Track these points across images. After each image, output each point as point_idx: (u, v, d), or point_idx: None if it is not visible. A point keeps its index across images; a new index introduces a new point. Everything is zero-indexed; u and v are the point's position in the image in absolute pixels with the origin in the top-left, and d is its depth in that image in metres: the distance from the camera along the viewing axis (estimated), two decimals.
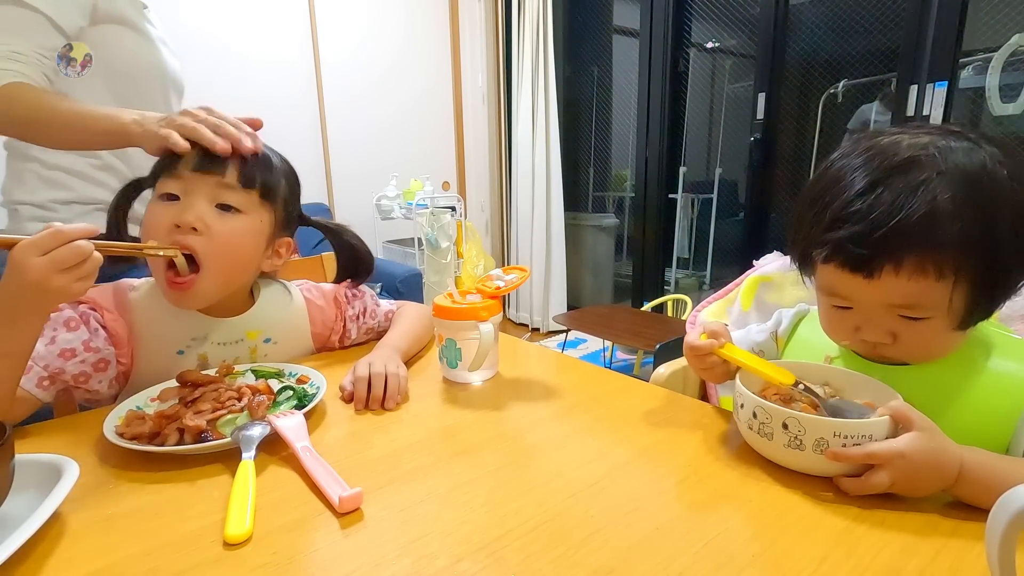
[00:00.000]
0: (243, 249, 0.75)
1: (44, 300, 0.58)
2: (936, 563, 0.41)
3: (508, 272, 0.80)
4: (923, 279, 0.50)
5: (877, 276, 0.51)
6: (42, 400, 0.68)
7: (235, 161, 0.72)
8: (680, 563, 0.42)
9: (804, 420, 0.49)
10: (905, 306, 0.53)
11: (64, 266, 0.55)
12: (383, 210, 3.01)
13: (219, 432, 0.59)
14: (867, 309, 0.55)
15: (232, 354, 0.80)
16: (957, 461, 0.46)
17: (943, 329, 0.53)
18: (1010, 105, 1.83)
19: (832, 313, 0.59)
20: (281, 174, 0.79)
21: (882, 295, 0.53)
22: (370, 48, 3.08)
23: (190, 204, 0.70)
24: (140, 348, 0.76)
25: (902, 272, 0.50)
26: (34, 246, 0.55)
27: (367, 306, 0.93)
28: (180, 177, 0.71)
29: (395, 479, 0.54)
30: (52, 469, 0.50)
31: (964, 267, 0.49)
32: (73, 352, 0.69)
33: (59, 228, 0.56)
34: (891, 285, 0.51)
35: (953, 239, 0.48)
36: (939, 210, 0.48)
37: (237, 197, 0.73)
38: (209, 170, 0.71)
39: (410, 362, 0.86)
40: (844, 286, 0.55)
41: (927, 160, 0.50)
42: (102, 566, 0.43)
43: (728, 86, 3.02)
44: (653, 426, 0.64)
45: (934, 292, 0.51)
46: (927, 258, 0.49)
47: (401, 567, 0.42)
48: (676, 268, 3.14)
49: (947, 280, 0.50)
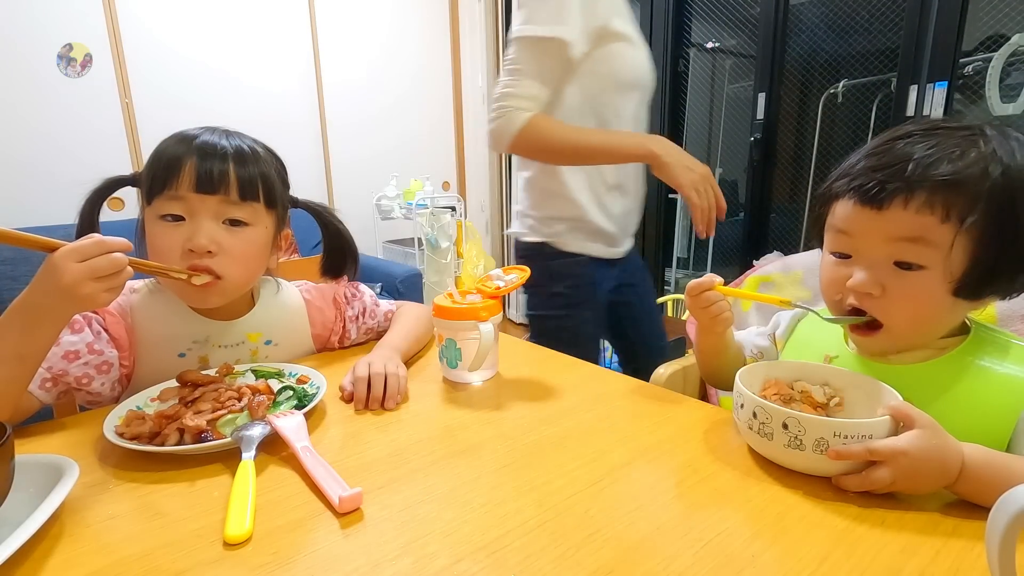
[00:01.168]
0: (256, 257, 0.77)
1: (71, 305, 0.59)
2: (936, 563, 0.41)
3: (508, 272, 0.80)
4: (929, 216, 0.51)
5: (887, 206, 0.53)
6: (44, 401, 0.68)
7: (235, 173, 0.72)
8: (680, 563, 0.42)
9: (804, 420, 0.49)
10: (906, 238, 0.53)
11: (99, 275, 0.56)
12: (383, 210, 3.01)
13: (219, 432, 0.59)
14: (867, 252, 0.56)
15: (233, 356, 0.80)
16: (959, 458, 0.47)
17: (934, 289, 0.53)
18: (1010, 105, 1.83)
19: (831, 266, 0.60)
20: (273, 171, 0.78)
21: (885, 228, 0.53)
22: (370, 48, 3.08)
23: (199, 226, 0.70)
24: (141, 351, 0.76)
25: (910, 205, 0.51)
26: (76, 252, 0.56)
27: (366, 306, 0.93)
28: (183, 198, 0.70)
29: (395, 479, 0.54)
30: (52, 469, 0.50)
31: (974, 219, 0.50)
32: (77, 354, 0.69)
33: (102, 238, 0.57)
34: (897, 217, 0.52)
35: (971, 191, 0.50)
36: (969, 156, 0.50)
37: (243, 211, 0.73)
38: (212, 191, 0.71)
39: (410, 362, 0.86)
40: (852, 222, 0.56)
41: (990, 135, 0.52)
42: (102, 566, 0.43)
43: (728, 86, 3.01)
44: (653, 426, 0.64)
45: (936, 233, 0.51)
46: (938, 196, 0.50)
47: (401, 567, 0.42)
48: (676, 268, 3.13)
49: (951, 224, 0.51)
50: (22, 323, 0.58)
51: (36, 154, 2.28)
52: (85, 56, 2.33)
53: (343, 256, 0.88)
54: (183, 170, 0.70)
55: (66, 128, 2.32)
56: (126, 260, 0.58)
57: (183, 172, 0.70)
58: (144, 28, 2.43)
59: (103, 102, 2.38)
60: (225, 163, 0.71)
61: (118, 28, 2.37)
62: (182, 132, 0.74)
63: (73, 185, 0.72)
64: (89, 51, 2.33)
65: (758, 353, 0.75)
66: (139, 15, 2.41)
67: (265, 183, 0.75)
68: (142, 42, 2.43)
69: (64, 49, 2.29)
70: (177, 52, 2.52)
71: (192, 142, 0.72)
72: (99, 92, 2.37)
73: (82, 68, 2.34)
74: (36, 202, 2.27)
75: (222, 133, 0.75)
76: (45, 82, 2.26)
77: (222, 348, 0.79)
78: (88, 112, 2.35)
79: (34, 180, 2.27)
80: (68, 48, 2.30)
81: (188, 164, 0.70)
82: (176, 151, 0.71)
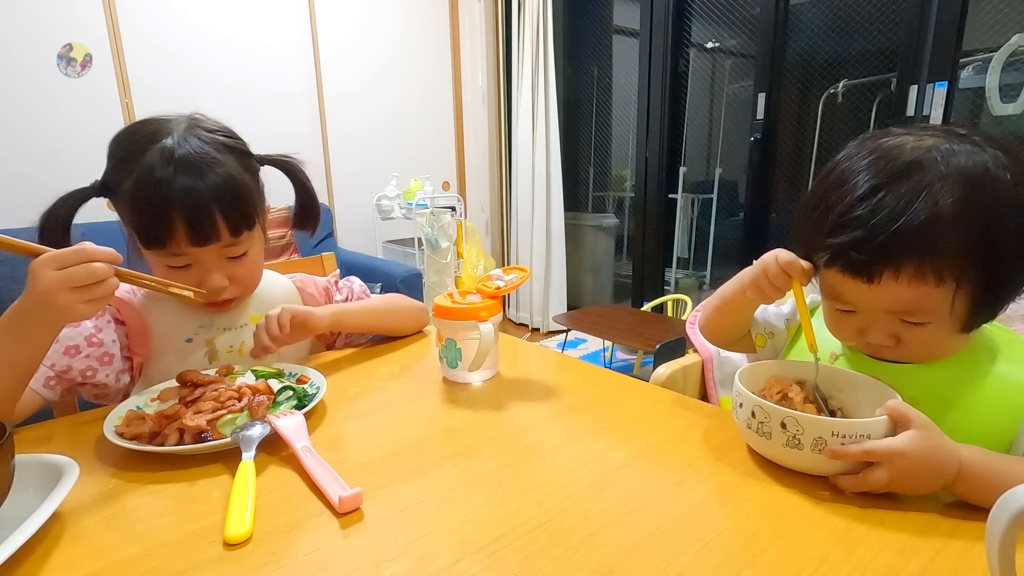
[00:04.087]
0: (260, 264, 0.81)
1: (49, 315, 0.57)
2: (936, 563, 0.41)
3: (508, 272, 0.80)
4: (923, 285, 0.50)
5: (877, 282, 0.51)
6: (48, 399, 0.69)
7: (223, 221, 0.70)
8: (680, 563, 0.42)
9: (802, 419, 0.49)
10: (905, 312, 0.53)
11: (75, 284, 0.54)
12: (383, 210, 3.01)
13: (219, 432, 0.59)
14: (870, 313, 0.56)
15: (238, 339, 0.82)
16: (956, 459, 0.47)
17: (945, 332, 0.54)
18: (1010, 105, 1.83)
19: (836, 316, 0.60)
20: (241, 170, 0.74)
21: (883, 300, 0.53)
22: (370, 48, 3.08)
23: (207, 273, 0.73)
24: (151, 339, 0.78)
25: (901, 278, 0.50)
26: (54, 259, 0.54)
27: (354, 292, 0.97)
28: (183, 253, 0.71)
29: (395, 479, 0.53)
30: (52, 469, 0.50)
31: (965, 273, 0.49)
32: (77, 348, 0.70)
33: (84, 247, 0.56)
34: (891, 290, 0.51)
35: (953, 245, 0.48)
36: (940, 216, 0.48)
37: (241, 246, 0.75)
38: (207, 243, 0.71)
39: (410, 362, 0.86)
40: (846, 290, 0.55)
41: (929, 164, 0.50)
42: (102, 566, 0.43)
43: (728, 86, 3.02)
44: (653, 426, 0.64)
45: (934, 298, 0.51)
46: (927, 264, 0.49)
47: (401, 567, 0.42)
48: (676, 268, 3.14)
49: (947, 286, 0.50)
50: (14, 330, 0.58)
51: (36, 154, 2.28)
52: (85, 56, 2.33)
53: (310, 209, 0.86)
54: (174, 228, 0.68)
55: (66, 128, 2.31)
56: (109, 271, 0.56)
57: (175, 230, 0.68)
58: (144, 28, 2.43)
59: (103, 102, 2.38)
60: (211, 211, 0.69)
61: (118, 28, 2.37)
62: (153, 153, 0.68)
63: (73, 185, 0.72)
64: (89, 51, 2.33)
65: (768, 333, 0.74)
66: (139, 15, 2.41)
67: (248, 207, 0.73)
68: (142, 42, 2.43)
69: (64, 49, 2.29)
70: (177, 51, 2.52)
71: (169, 187, 0.67)
72: (99, 92, 2.36)
73: (82, 68, 2.33)
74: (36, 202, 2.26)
75: (188, 154, 0.69)
76: (45, 82, 2.26)
77: (227, 331, 0.82)
78: (88, 112, 2.35)
79: (34, 180, 2.27)
80: (68, 48, 2.30)
81: (177, 222, 0.68)
82: (158, 203, 0.67)
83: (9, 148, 2.23)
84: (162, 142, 0.69)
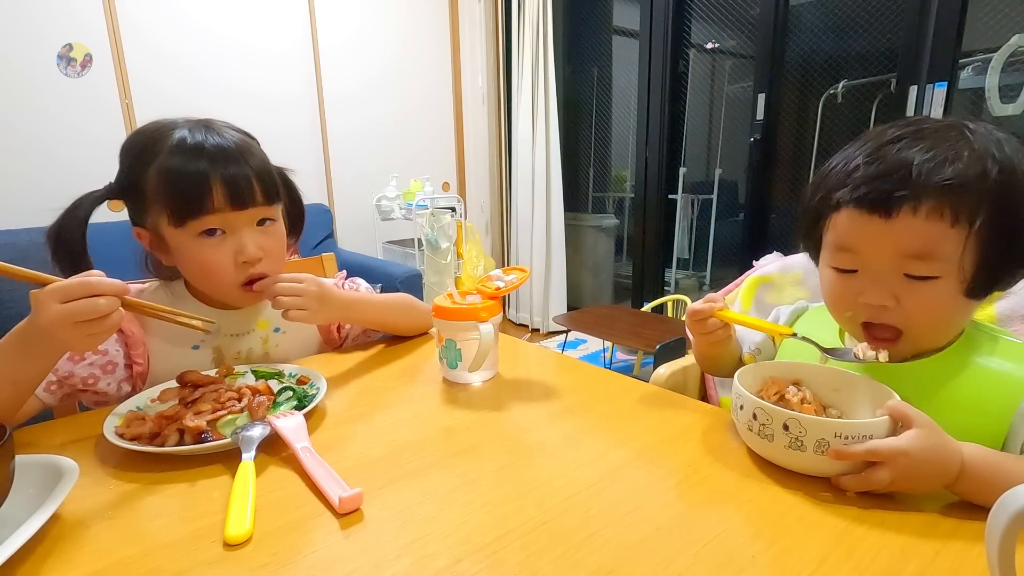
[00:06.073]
0: (283, 248, 0.81)
1: (51, 345, 0.58)
2: (936, 564, 0.41)
3: (508, 272, 0.80)
4: (939, 221, 0.50)
5: (896, 214, 0.52)
6: (47, 404, 0.69)
7: (258, 182, 0.74)
8: (680, 563, 0.42)
9: (805, 421, 0.49)
10: (916, 254, 0.52)
11: (78, 319, 0.54)
12: (383, 210, 3.01)
13: (219, 433, 0.59)
14: (874, 265, 0.55)
15: (245, 345, 0.82)
16: (958, 458, 0.47)
17: (948, 294, 0.53)
18: (1010, 105, 1.83)
19: (836, 281, 0.59)
20: (266, 159, 0.78)
21: (895, 240, 0.53)
22: (370, 49, 3.08)
23: (244, 239, 0.73)
24: (155, 347, 0.77)
25: (919, 212, 0.51)
26: (59, 292, 0.54)
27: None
28: (221, 216, 0.72)
29: (395, 479, 0.53)
30: (52, 469, 0.50)
31: (981, 217, 0.50)
32: (81, 355, 0.69)
33: (88, 280, 0.55)
34: (906, 226, 0.51)
35: (974, 185, 0.50)
36: (963, 158, 0.50)
37: (271, 212, 0.77)
38: (246, 205, 0.73)
39: (410, 363, 0.86)
40: (856, 234, 0.55)
41: (954, 124, 0.53)
42: (102, 566, 0.43)
43: (728, 86, 3.02)
44: (653, 426, 0.64)
45: (947, 240, 0.51)
46: (946, 201, 0.50)
47: (401, 567, 0.42)
48: (676, 268, 3.14)
49: (962, 228, 0.50)
50: (18, 350, 0.58)
51: (35, 154, 2.28)
52: (85, 56, 2.33)
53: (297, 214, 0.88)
54: (213, 189, 0.70)
55: (66, 128, 2.31)
56: (114, 306, 0.55)
57: (213, 191, 0.70)
58: (144, 28, 2.43)
59: (103, 102, 2.38)
60: (247, 173, 0.73)
61: (118, 28, 2.37)
62: (174, 138, 0.71)
63: (72, 184, 0.72)
64: (89, 51, 2.33)
65: (755, 349, 0.74)
66: (139, 15, 2.41)
67: (274, 177, 0.77)
68: (142, 42, 2.43)
69: (64, 49, 2.29)
70: (177, 51, 2.52)
71: (202, 154, 0.70)
72: (99, 92, 2.36)
73: (82, 68, 2.34)
74: (36, 202, 2.27)
75: (214, 133, 0.73)
76: (45, 82, 2.26)
77: (233, 337, 0.81)
78: (88, 112, 2.35)
79: (33, 180, 2.27)
80: (68, 48, 2.30)
81: (215, 182, 0.70)
82: (194, 168, 0.69)
83: (8, 148, 2.23)
84: (180, 130, 0.72)
